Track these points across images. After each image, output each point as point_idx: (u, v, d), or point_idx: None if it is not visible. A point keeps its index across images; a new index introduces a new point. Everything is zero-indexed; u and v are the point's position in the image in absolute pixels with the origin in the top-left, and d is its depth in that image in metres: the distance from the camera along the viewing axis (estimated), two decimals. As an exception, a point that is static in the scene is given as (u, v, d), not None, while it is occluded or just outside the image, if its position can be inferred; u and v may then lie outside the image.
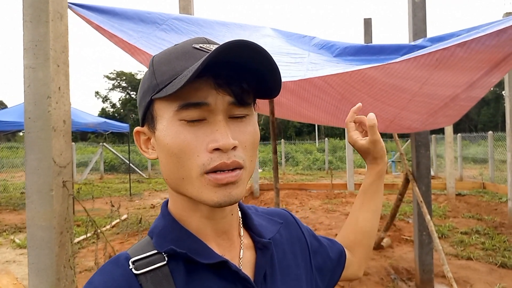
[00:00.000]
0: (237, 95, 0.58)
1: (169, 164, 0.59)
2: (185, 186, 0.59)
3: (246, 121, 0.61)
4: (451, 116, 3.28)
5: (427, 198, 4.02)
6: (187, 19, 2.95)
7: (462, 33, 2.33)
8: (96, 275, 0.58)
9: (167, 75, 0.58)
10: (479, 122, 37.22)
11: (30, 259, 1.99)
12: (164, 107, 0.59)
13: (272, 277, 0.67)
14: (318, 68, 2.75)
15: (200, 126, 0.57)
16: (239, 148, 0.58)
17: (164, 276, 0.58)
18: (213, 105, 0.57)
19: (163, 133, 0.58)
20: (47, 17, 2.01)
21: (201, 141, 0.57)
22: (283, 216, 0.81)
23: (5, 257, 5.45)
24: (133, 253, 0.61)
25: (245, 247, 0.67)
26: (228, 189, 0.57)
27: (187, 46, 0.60)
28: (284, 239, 0.75)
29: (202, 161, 0.56)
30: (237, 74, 0.58)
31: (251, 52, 0.55)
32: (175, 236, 0.62)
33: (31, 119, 1.99)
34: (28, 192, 2.00)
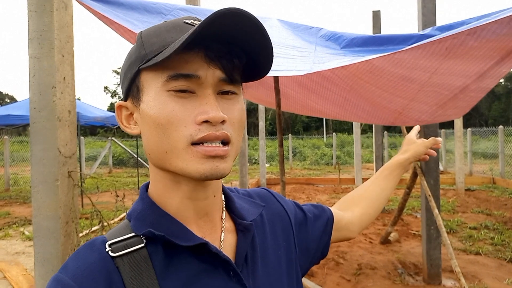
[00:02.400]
0: (228, 71, 0.57)
1: (153, 136, 0.57)
2: (169, 159, 0.57)
3: (234, 99, 0.60)
4: (461, 108, 3.22)
5: (435, 192, 3.97)
6: (192, 9, 2.92)
7: (471, 21, 2.28)
8: (71, 260, 0.56)
9: (157, 45, 0.56)
10: (489, 117, 36.72)
11: (36, 249, 2.00)
12: (152, 78, 0.57)
13: (253, 259, 0.66)
14: (325, 61, 2.72)
15: (189, 98, 0.56)
16: (227, 122, 0.57)
17: (142, 258, 0.56)
18: (203, 79, 0.56)
19: (149, 104, 0.57)
20: (52, 6, 2.00)
21: (189, 113, 0.55)
22: (263, 196, 0.80)
23: (14, 248, 5.52)
24: (110, 236, 0.59)
25: (226, 230, 0.66)
26: (216, 162, 0.56)
27: (177, 21, 0.59)
28: (265, 220, 0.74)
29: (189, 132, 0.55)
30: (228, 49, 0.57)
31: (244, 21, 0.53)
32: (153, 219, 0.60)
33: (36, 109, 1.99)
34: (34, 182, 2.01)
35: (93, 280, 0.53)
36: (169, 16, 2.68)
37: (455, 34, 2.22)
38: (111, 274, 0.54)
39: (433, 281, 4.03)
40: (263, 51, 0.58)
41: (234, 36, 0.55)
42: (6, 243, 5.85)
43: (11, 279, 4.14)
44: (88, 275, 0.53)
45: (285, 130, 33.32)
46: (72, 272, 0.54)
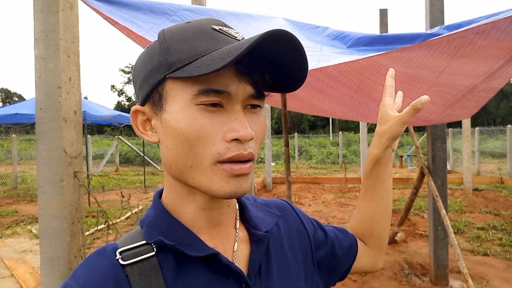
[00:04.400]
0: (258, 86, 0.56)
1: (177, 150, 0.55)
2: (192, 174, 0.55)
3: (258, 113, 0.59)
4: (469, 108, 3.18)
5: (442, 193, 3.94)
6: (198, 9, 2.92)
7: (481, 19, 2.25)
8: (81, 267, 0.56)
9: (186, 54, 0.53)
10: (497, 116, 36.34)
11: (42, 248, 2.01)
12: (180, 88, 0.54)
13: (267, 271, 0.64)
14: (331, 59, 2.70)
15: (218, 113, 0.54)
16: (253, 139, 0.56)
17: (152, 267, 0.55)
18: (234, 95, 0.54)
19: (176, 117, 0.54)
20: (57, 7, 2.00)
21: (218, 129, 0.54)
22: (282, 208, 0.77)
23: (22, 246, 5.57)
24: (121, 243, 0.59)
25: (240, 239, 0.65)
26: (240, 181, 0.55)
27: (204, 26, 0.56)
28: (282, 232, 0.72)
29: (218, 150, 0.53)
30: (260, 64, 0.55)
31: (288, 44, 0.53)
32: (164, 227, 0.59)
33: (42, 109, 2.00)
34: (40, 182, 2.02)
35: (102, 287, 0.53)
36: (174, 17, 2.67)
37: (464, 33, 2.19)
38: (120, 283, 0.54)
39: (440, 282, 4.00)
40: (298, 71, 0.58)
41: (270, 52, 0.54)
42: (13, 241, 5.90)
43: (18, 277, 4.17)
44: (97, 283, 0.53)
45: (291, 128, 33.28)
46: (82, 279, 0.53)
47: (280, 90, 0.61)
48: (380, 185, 0.84)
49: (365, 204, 0.86)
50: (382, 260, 0.89)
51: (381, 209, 0.85)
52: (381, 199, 0.84)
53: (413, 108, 0.72)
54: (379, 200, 0.84)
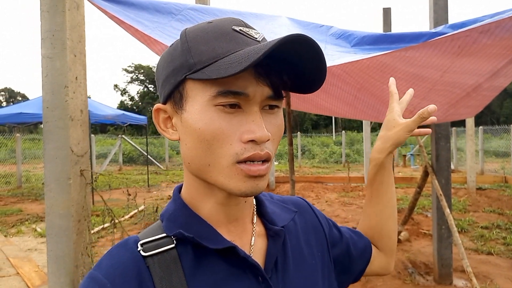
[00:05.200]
0: (276, 88, 0.56)
1: (197, 149, 0.57)
2: (210, 172, 0.57)
3: (276, 114, 0.60)
4: (473, 107, 3.18)
5: (446, 192, 3.93)
6: (203, 9, 2.93)
7: (485, 19, 2.25)
8: (104, 258, 0.58)
9: (206, 56, 0.54)
10: (501, 115, 36.18)
11: (49, 246, 2.03)
12: (199, 89, 0.56)
13: (284, 265, 0.65)
14: (335, 58, 2.70)
15: (236, 114, 0.55)
16: (270, 140, 0.57)
17: (171, 259, 0.57)
18: (251, 96, 0.55)
19: (195, 117, 0.56)
20: (64, 6, 2.02)
21: (235, 129, 0.55)
22: (298, 204, 0.79)
23: (27, 245, 5.60)
24: (142, 236, 0.61)
25: (257, 234, 0.66)
26: (257, 181, 0.56)
27: (225, 27, 0.57)
28: (298, 228, 0.73)
29: (235, 151, 0.55)
30: (277, 65, 0.56)
31: (307, 48, 0.54)
32: (184, 221, 0.61)
33: (49, 108, 2.01)
34: (47, 180, 2.03)
35: (125, 278, 0.55)
36: (179, 16, 2.69)
37: (468, 32, 2.19)
38: (142, 273, 0.56)
39: (444, 281, 3.99)
40: (317, 73, 0.58)
41: (289, 54, 0.55)
42: (18, 239, 5.94)
43: (24, 275, 4.20)
44: (120, 273, 0.55)
45: (294, 128, 33.20)
46: (105, 269, 0.56)
47: (298, 91, 0.62)
48: (385, 189, 0.85)
49: (372, 209, 0.87)
50: (393, 263, 0.90)
51: (388, 212, 0.87)
52: (387, 202, 0.86)
53: (420, 117, 0.74)
54: (386, 204, 0.86)
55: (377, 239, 0.87)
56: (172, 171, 16.44)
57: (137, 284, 0.55)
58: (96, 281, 0.54)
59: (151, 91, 46.82)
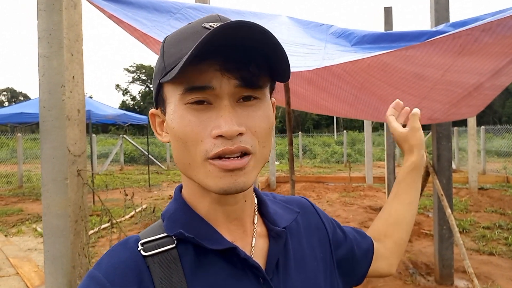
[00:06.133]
0: (244, 78, 0.54)
1: (177, 149, 0.58)
2: (192, 171, 0.57)
3: (256, 105, 0.57)
4: (475, 107, 3.15)
5: (448, 192, 3.91)
6: (202, 8, 2.91)
7: (486, 17, 2.22)
8: (105, 257, 0.58)
9: (174, 57, 0.55)
10: (503, 115, 36.07)
11: (46, 247, 2.01)
12: (171, 90, 0.57)
13: (285, 266, 0.64)
14: (335, 58, 2.68)
15: (205, 110, 0.55)
16: (247, 133, 0.55)
17: (172, 259, 0.57)
18: (218, 89, 0.54)
19: (171, 117, 0.57)
20: (61, 5, 2.00)
21: (205, 126, 0.55)
22: (301, 205, 0.78)
23: (27, 245, 5.60)
24: (143, 235, 0.61)
25: (258, 235, 0.65)
26: (234, 176, 0.54)
27: (197, 26, 0.57)
28: (301, 229, 0.72)
29: (206, 147, 0.54)
30: (245, 56, 0.54)
31: (251, 32, 0.51)
32: (185, 220, 0.61)
33: (46, 108, 2.00)
34: (44, 180, 2.02)
35: (124, 278, 0.54)
36: (178, 14, 2.67)
37: (469, 30, 2.17)
38: (142, 273, 0.55)
39: (445, 281, 3.97)
40: (277, 56, 0.56)
41: (247, 43, 0.53)
42: (19, 239, 5.93)
43: (23, 275, 4.19)
44: (120, 273, 0.55)
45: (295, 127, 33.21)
46: (105, 269, 0.55)
47: (275, 79, 0.61)
48: (411, 191, 0.90)
49: (393, 207, 0.90)
50: (396, 265, 0.90)
51: (407, 215, 0.89)
52: (409, 204, 0.90)
53: (412, 115, 0.90)
54: (407, 205, 0.90)
55: (388, 236, 0.88)
56: (173, 170, 16.43)
57: (137, 284, 0.54)
58: (96, 280, 0.54)
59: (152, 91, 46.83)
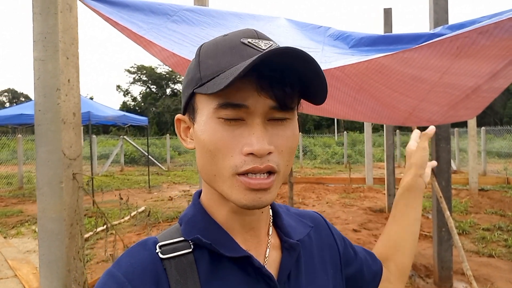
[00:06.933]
0: (279, 99, 0.56)
1: (203, 158, 0.59)
2: (216, 182, 0.58)
3: (285, 125, 0.59)
4: (473, 109, 3.14)
5: (447, 194, 3.89)
6: (199, 10, 2.91)
7: (484, 19, 2.21)
8: (124, 257, 0.60)
9: (211, 70, 0.56)
10: (504, 115, 36.02)
11: (41, 251, 2.01)
12: (205, 101, 0.58)
13: (296, 278, 0.65)
14: (332, 61, 2.67)
15: (237, 126, 0.56)
16: (274, 152, 0.57)
17: (188, 263, 0.58)
18: (252, 108, 0.55)
19: (201, 128, 0.58)
20: (56, 9, 2.00)
21: (237, 142, 0.56)
22: (315, 220, 0.79)
23: (26, 247, 5.60)
24: (161, 238, 0.62)
25: (272, 246, 0.67)
26: (259, 194, 0.56)
27: (235, 40, 0.58)
28: (313, 243, 0.73)
29: (235, 163, 0.55)
30: (281, 76, 0.55)
31: (299, 60, 0.53)
32: (202, 226, 0.62)
33: (41, 111, 1.99)
34: (39, 184, 2.02)
35: (143, 278, 0.56)
36: (175, 17, 2.66)
37: (467, 33, 2.16)
38: (159, 275, 0.57)
39: (444, 284, 3.96)
40: (316, 82, 0.57)
41: (287, 66, 0.54)
42: (18, 241, 5.93)
43: (21, 277, 4.19)
44: (139, 273, 0.56)
45: (296, 128, 33.04)
46: (125, 268, 0.57)
47: (308, 101, 0.62)
48: (409, 213, 0.89)
49: (392, 229, 0.90)
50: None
51: (406, 237, 0.89)
52: (407, 226, 0.89)
53: (423, 134, 0.91)
54: (406, 228, 0.89)
55: (390, 259, 0.88)
56: (173, 172, 16.43)
57: (154, 285, 0.55)
58: (115, 278, 0.55)
59: (153, 92, 46.89)
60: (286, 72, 0.55)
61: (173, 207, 8.18)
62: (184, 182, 12.75)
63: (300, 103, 0.65)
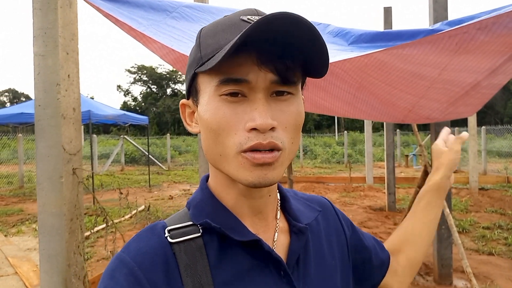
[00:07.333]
0: (281, 73, 0.55)
1: (208, 139, 0.58)
2: (222, 163, 0.58)
3: (289, 100, 0.58)
4: (472, 105, 3.15)
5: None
6: (198, 6, 2.91)
7: (482, 15, 2.22)
8: (133, 241, 0.60)
9: (211, 48, 0.56)
10: (505, 115, 35.98)
11: (41, 245, 2.02)
12: (206, 81, 0.57)
13: (305, 262, 0.65)
14: (332, 56, 2.68)
15: (240, 102, 0.55)
16: (278, 128, 0.55)
17: (197, 247, 0.58)
18: (253, 83, 0.54)
19: (204, 108, 0.58)
20: (56, 4, 2.01)
21: (240, 118, 0.55)
22: (322, 204, 0.79)
23: (26, 245, 5.61)
24: (170, 222, 0.62)
25: (280, 230, 0.66)
26: (264, 170, 0.55)
27: (235, 18, 0.57)
28: (321, 227, 0.73)
29: (239, 140, 0.54)
30: (282, 50, 0.54)
31: (295, 24, 0.51)
32: (210, 210, 0.62)
33: (41, 106, 2.00)
34: (39, 179, 2.02)
35: (152, 262, 0.56)
36: (174, 13, 2.67)
37: (465, 28, 2.16)
38: (168, 259, 0.57)
39: (444, 281, 3.96)
40: (317, 50, 0.55)
41: (287, 38, 0.53)
42: (18, 239, 5.94)
43: (22, 275, 4.20)
44: (148, 257, 0.56)
45: (297, 128, 33.03)
46: (134, 252, 0.57)
47: (310, 75, 0.61)
48: (430, 211, 0.89)
49: (410, 223, 0.90)
50: (407, 284, 0.88)
51: (423, 233, 0.88)
52: (427, 223, 0.89)
53: (458, 137, 0.90)
54: (424, 224, 0.89)
55: (401, 252, 0.87)
56: (173, 171, 16.44)
57: (164, 270, 0.55)
58: (125, 263, 0.55)
59: (154, 92, 46.91)
60: (286, 46, 0.54)
61: (174, 206, 8.20)
62: (184, 181, 12.76)
63: (306, 82, 0.65)
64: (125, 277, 0.54)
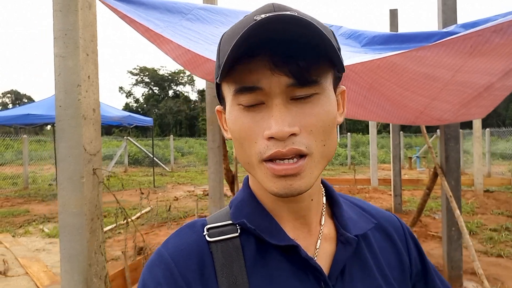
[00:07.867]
0: (297, 75, 0.50)
1: (236, 147, 0.57)
2: (251, 170, 0.57)
3: (313, 101, 0.53)
4: (485, 107, 3.16)
5: (456, 193, 3.90)
6: (213, 9, 2.93)
7: (497, 18, 2.23)
8: (172, 237, 0.60)
9: (224, 54, 0.52)
10: (507, 117, 35.93)
11: (62, 245, 2.03)
12: (226, 90, 0.56)
13: (351, 275, 0.60)
14: (345, 59, 2.69)
15: (258, 110, 0.53)
16: (302, 133, 0.52)
17: (234, 247, 0.57)
18: (267, 89, 0.51)
19: (228, 117, 0.57)
20: (76, 6, 2.03)
21: (259, 126, 0.52)
22: (387, 220, 0.71)
23: (35, 245, 5.62)
24: (210, 220, 0.62)
25: (324, 237, 0.62)
26: (289, 181, 0.52)
27: (250, 18, 0.52)
28: (376, 242, 0.66)
29: (259, 149, 0.52)
30: (295, 50, 0.49)
31: (295, 25, 0.47)
32: (250, 211, 0.61)
33: (62, 107, 2.02)
34: (60, 179, 2.04)
35: (188, 259, 0.56)
36: (189, 15, 2.69)
37: (480, 31, 2.17)
38: (205, 257, 0.56)
39: (454, 283, 3.95)
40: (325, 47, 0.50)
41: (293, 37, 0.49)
42: (26, 240, 5.96)
43: (32, 275, 4.21)
44: (185, 255, 0.56)
45: (299, 130, 33.01)
46: (172, 249, 0.57)
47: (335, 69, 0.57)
48: None
49: None
50: None
51: None
52: None
53: None
54: None
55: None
56: (177, 172, 16.46)
57: (200, 268, 0.55)
58: (162, 258, 0.56)
59: (156, 93, 46.98)
60: (298, 44, 0.49)
61: (179, 207, 8.20)
62: (188, 183, 12.77)
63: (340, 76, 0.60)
64: (162, 272, 0.54)
